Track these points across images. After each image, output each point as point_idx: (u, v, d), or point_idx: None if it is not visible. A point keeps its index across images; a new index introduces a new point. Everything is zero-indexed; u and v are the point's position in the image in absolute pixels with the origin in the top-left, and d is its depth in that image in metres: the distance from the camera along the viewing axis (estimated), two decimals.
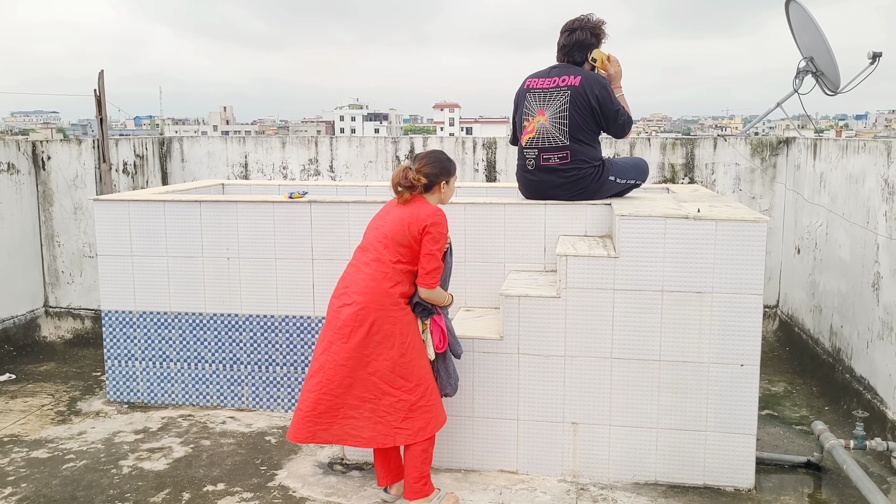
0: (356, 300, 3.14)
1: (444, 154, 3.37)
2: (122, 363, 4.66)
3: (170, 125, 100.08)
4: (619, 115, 3.92)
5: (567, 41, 4.03)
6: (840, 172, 4.87)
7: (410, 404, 3.18)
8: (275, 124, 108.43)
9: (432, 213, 3.20)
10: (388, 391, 3.16)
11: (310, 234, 4.33)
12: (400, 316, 3.17)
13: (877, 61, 6.23)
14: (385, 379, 3.15)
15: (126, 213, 4.53)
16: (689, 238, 3.42)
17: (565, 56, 4.06)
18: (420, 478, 3.26)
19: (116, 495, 3.49)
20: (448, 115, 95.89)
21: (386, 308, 3.14)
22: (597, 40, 4.05)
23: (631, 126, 4.02)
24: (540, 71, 4.12)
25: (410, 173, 3.24)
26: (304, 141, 6.93)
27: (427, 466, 3.28)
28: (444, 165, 3.32)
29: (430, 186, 3.29)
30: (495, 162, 6.50)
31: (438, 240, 3.19)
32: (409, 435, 3.19)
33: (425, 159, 3.30)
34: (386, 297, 3.14)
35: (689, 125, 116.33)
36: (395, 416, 3.17)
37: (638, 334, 3.49)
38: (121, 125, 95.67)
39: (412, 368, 3.19)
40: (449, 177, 3.34)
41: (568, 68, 4.01)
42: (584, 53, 4.03)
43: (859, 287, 4.42)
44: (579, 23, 4.03)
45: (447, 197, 3.39)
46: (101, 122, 6.23)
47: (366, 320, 3.12)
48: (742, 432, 3.47)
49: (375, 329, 3.12)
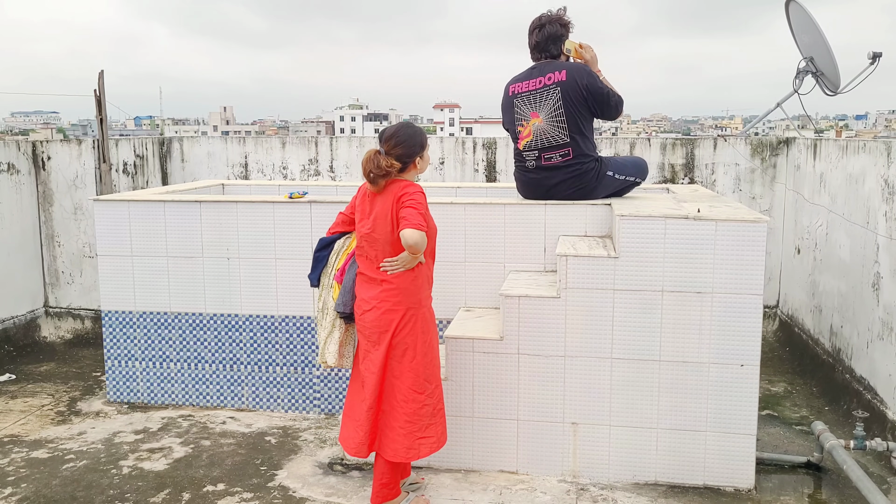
0: (375, 305, 3.09)
1: (410, 128, 3.16)
2: (122, 363, 4.66)
3: (170, 125, 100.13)
4: (610, 97, 3.94)
5: (539, 37, 4.04)
6: (840, 172, 4.87)
7: (432, 409, 3.15)
8: (275, 124, 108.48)
9: (403, 186, 3.05)
10: (413, 397, 3.10)
11: (310, 234, 4.33)
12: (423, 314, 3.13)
13: (877, 61, 6.23)
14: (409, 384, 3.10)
15: (126, 213, 4.53)
16: (689, 238, 3.42)
17: (541, 53, 4.07)
18: (393, 483, 3.26)
19: (116, 495, 3.49)
20: (448, 115, 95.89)
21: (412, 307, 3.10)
22: (566, 30, 4.07)
23: (623, 105, 4.01)
24: (521, 74, 4.12)
25: (382, 160, 3.03)
26: (304, 141, 6.93)
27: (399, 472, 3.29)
28: (415, 141, 3.11)
29: (403, 168, 3.11)
30: (495, 162, 6.50)
31: (414, 196, 3.00)
32: (433, 443, 3.16)
33: (393, 140, 3.09)
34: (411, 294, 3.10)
35: (689, 125, 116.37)
36: (418, 424, 3.12)
37: (638, 334, 3.49)
38: (121, 125, 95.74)
39: (433, 369, 3.16)
40: (423, 150, 3.14)
41: (549, 65, 4.01)
42: (559, 46, 4.04)
43: (859, 287, 4.42)
44: (546, 17, 4.06)
45: (424, 168, 3.20)
46: (101, 122, 6.23)
47: (392, 322, 3.07)
48: (742, 432, 3.47)
49: (398, 330, 3.08)
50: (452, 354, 3.63)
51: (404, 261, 3.03)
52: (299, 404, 4.50)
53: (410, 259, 3.03)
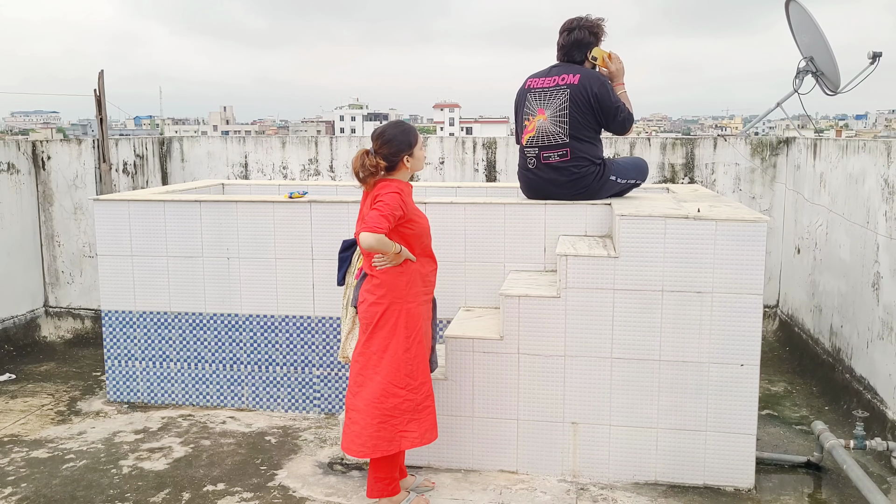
0: (365, 298, 3.16)
1: (398, 127, 3.15)
2: (122, 363, 4.66)
3: (170, 125, 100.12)
4: (619, 111, 3.93)
5: (566, 41, 4.04)
6: (840, 172, 4.87)
7: (416, 404, 3.16)
8: (275, 124, 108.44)
9: (381, 186, 3.06)
10: (393, 392, 3.13)
11: (310, 234, 4.33)
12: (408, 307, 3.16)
13: (877, 61, 6.23)
14: (390, 378, 3.13)
15: (126, 213, 4.53)
16: (689, 238, 3.42)
17: (565, 55, 4.07)
18: (389, 478, 3.26)
19: (116, 495, 3.49)
20: (448, 115, 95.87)
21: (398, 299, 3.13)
22: (596, 38, 4.05)
23: (632, 123, 4.02)
24: (540, 71, 4.13)
25: (368, 159, 3.06)
26: (304, 141, 6.93)
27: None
28: (401, 140, 3.09)
29: (392, 167, 3.11)
30: (495, 162, 6.50)
31: (384, 198, 3.00)
32: (415, 438, 3.16)
33: (380, 139, 3.09)
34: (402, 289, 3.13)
35: (689, 125, 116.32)
36: (400, 418, 3.14)
37: (638, 334, 3.49)
38: (121, 125, 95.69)
39: (417, 364, 3.18)
40: (411, 149, 3.12)
41: (567, 67, 4.02)
42: (584, 52, 4.03)
43: (859, 287, 4.42)
44: (577, 22, 4.04)
45: (417, 167, 3.18)
46: (101, 122, 6.23)
47: (375, 315, 3.12)
48: (742, 432, 3.47)
49: (380, 323, 3.12)
50: (452, 354, 3.63)
51: (390, 257, 3.07)
52: (299, 404, 4.50)
53: (394, 255, 3.06)
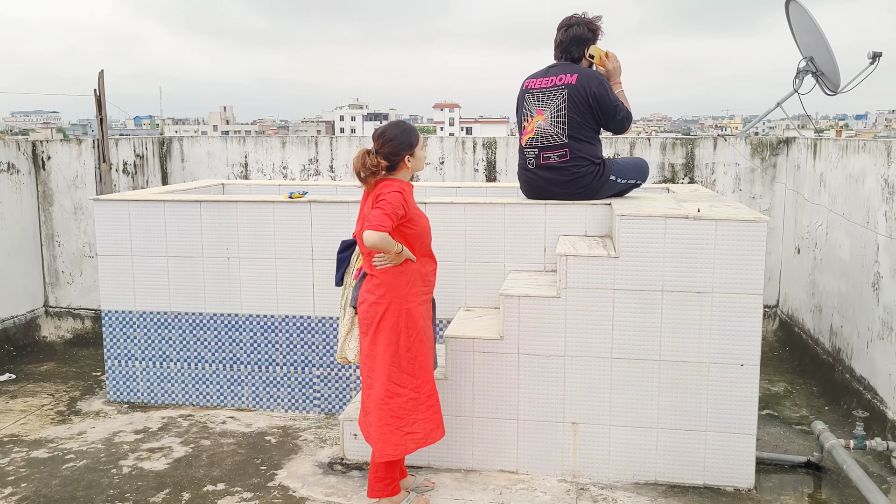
0: (365, 298, 3.17)
1: (399, 127, 3.16)
2: (122, 363, 4.66)
3: (170, 125, 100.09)
4: (617, 110, 3.92)
5: (564, 37, 4.04)
6: (840, 172, 4.87)
7: (419, 403, 3.16)
8: (275, 124, 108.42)
9: (383, 186, 3.08)
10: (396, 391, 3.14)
11: (310, 234, 4.33)
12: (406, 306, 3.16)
13: (877, 61, 6.23)
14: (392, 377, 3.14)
15: (126, 213, 4.53)
16: (689, 238, 3.42)
17: (563, 53, 4.06)
18: (388, 478, 3.26)
19: (116, 495, 3.49)
20: (448, 115, 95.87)
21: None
22: (593, 35, 4.05)
23: (630, 122, 4.02)
24: (538, 71, 4.13)
25: (369, 159, 3.07)
26: (304, 141, 6.93)
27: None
28: (402, 139, 3.10)
29: (392, 167, 3.12)
30: (495, 162, 6.50)
31: (386, 196, 3.01)
32: (419, 439, 3.17)
33: (381, 139, 3.10)
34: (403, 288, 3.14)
35: (689, 125, 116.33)
36: (405, 419, 3.14)
37: (638, 334, 3.49)
38: (121, 125, 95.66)
39: (418, 363, 3.18)
40: (412, 148, 3.12)
41: (565, 66, 4.01)
42: (582, 49, 4.03)
43: (859, 287, 4.42)
44: (575, 19, 4.04)
45: (417, 167, 3.19)
46: (101, 122, 6.23)
47: (376, 315, 3.13)
48: (742, 432, 3.47)
49: (381, 323, 3.12)
50: (452, 354, 3.63)
51: (391, 256, 3.07)
52: (299, 404, 4.50)
53: (395, 255, 3.06)
